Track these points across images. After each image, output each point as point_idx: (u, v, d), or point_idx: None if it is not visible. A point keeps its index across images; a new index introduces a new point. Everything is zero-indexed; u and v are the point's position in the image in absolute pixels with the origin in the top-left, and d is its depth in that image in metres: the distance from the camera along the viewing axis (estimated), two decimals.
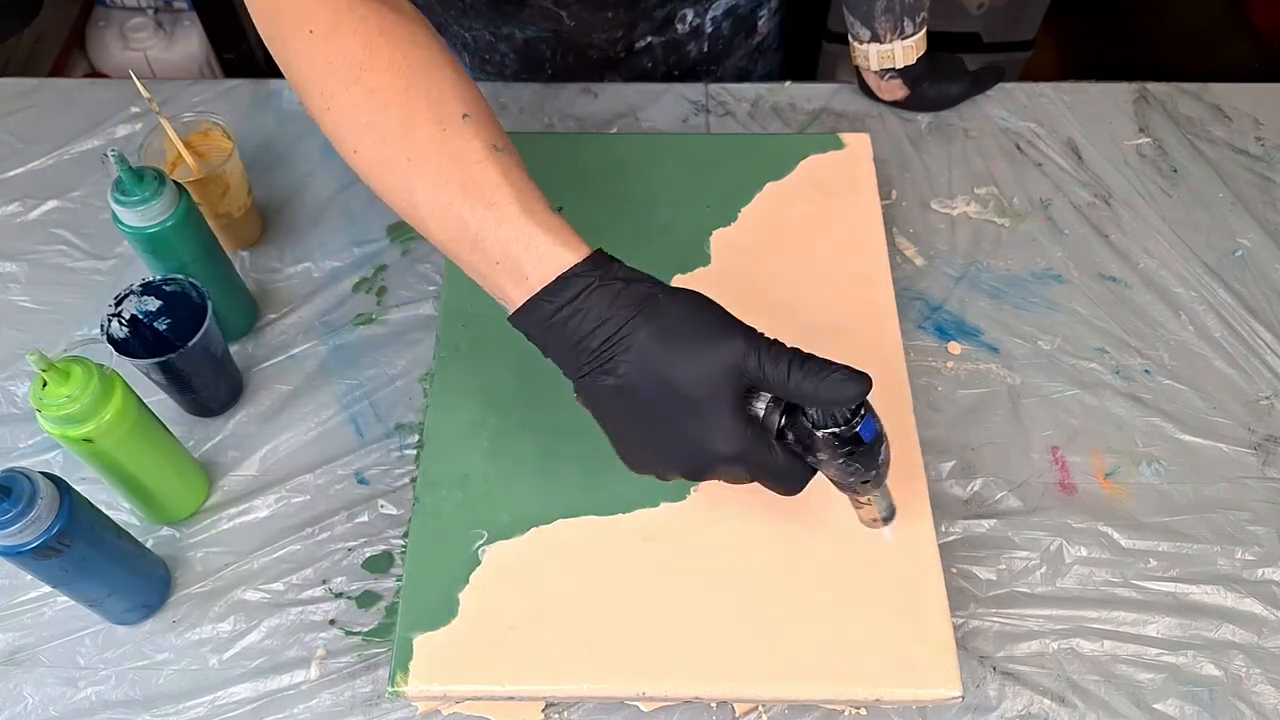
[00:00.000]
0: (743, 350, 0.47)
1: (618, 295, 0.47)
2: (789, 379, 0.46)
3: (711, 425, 0.47)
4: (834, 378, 0.46)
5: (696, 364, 0.47)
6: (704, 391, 0.47)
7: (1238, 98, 0.87)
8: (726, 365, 0.47)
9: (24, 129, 0.84)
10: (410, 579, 0.59)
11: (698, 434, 0.48)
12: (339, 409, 0.69)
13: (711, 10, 0.87)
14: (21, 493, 0.50)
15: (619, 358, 0.47)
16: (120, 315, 0.63)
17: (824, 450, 0.49)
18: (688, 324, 0.48)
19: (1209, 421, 0.70)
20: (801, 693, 0.56)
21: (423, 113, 0.50)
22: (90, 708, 0.59)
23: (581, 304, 0.47)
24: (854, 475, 0.50)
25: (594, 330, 0.47)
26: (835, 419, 0.48)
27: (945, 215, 0.80)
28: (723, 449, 0.48)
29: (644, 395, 0.47)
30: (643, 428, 0.49)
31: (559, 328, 0.48)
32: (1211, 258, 0.78)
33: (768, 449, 0.49)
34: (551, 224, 0.49)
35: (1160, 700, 0.60)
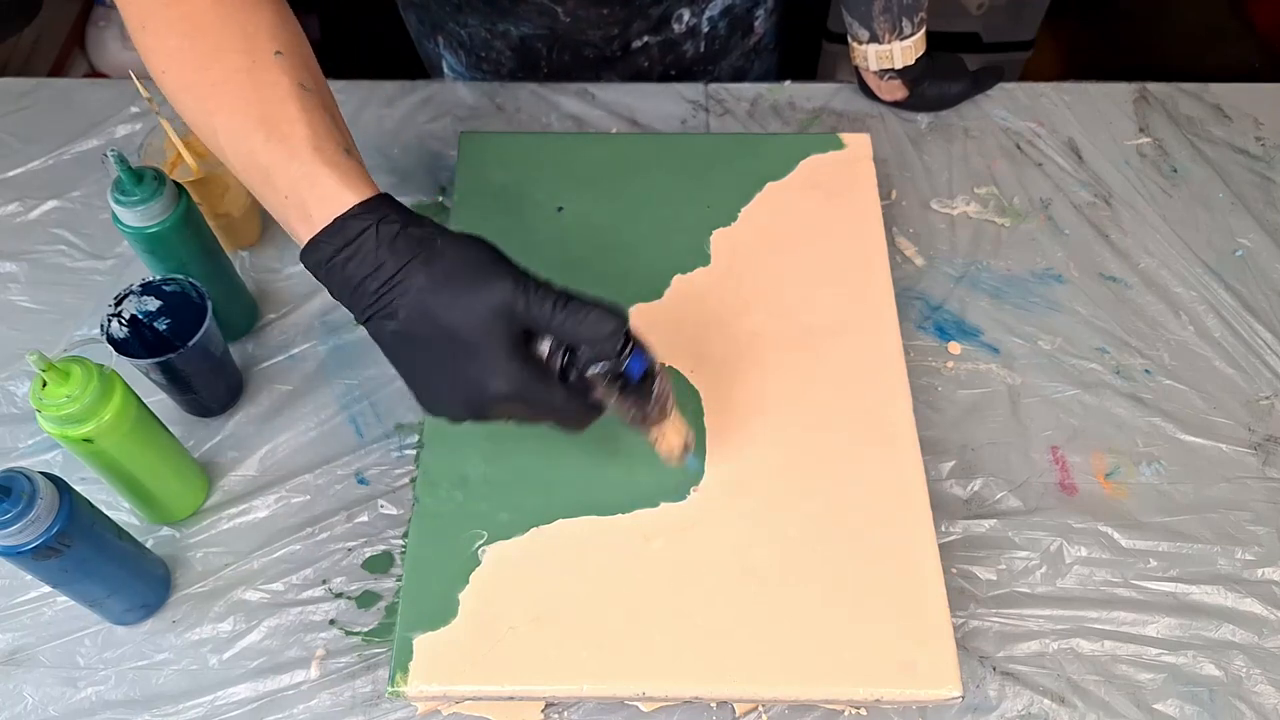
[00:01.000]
0: (511, 291, 0.48)
1: (395, 239, 0.48)
2: (552, 318, 0.48)
3: (487, 365, 0.48)
4: (592, 316, 0.48)
5: (470, 306, 0.48)
6: (478, 333, 0.48)
7: (1238, 98, 0.87)
8: (498, 307, 0.48)
9: (24, 129, 0.84)
10: (410, 579, 0.59)
11: (475, 374, 0.49)
12: (339, 409, 0.69)
13: (708, 10, 0.87)
14: (21, 493, 0.50)
15: (397, 301, 0.48)
16: (120, 315, 0.63)
17: (599, 387, 0.51)
18: (462, 268, 0.49)
19: (1209, 421, 0.70)
20: (801, 693, 0.56)
21: (234, 42, 0.51)
22: (90, 708, 0.59)
23: (360, 246, 0.48)
24: (632, 411, 0.52)
25: (372, 273, 0.48)
26: (604, 355, 0.50)
27: (945, 215, 0.80)
28: (498, 388, 0.49)
29: (422, 338, 0.49)
30: (426, 369, 0.50)
31: (338, 270, 0.49)
32: (1212, 257, 0.78)
33: (546, 389, 0.50)
34: (340, 164, 0.49)
35: (1160, 700, 0.60)
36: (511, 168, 0.75)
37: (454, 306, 0.48)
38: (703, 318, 0.68)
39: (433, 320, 0.48)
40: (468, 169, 0.75)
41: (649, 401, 0.52)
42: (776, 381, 0.65)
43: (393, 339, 0.50)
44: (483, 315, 0.48)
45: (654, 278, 0.70)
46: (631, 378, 0.50)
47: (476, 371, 0.48)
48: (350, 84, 0.86)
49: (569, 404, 0.51)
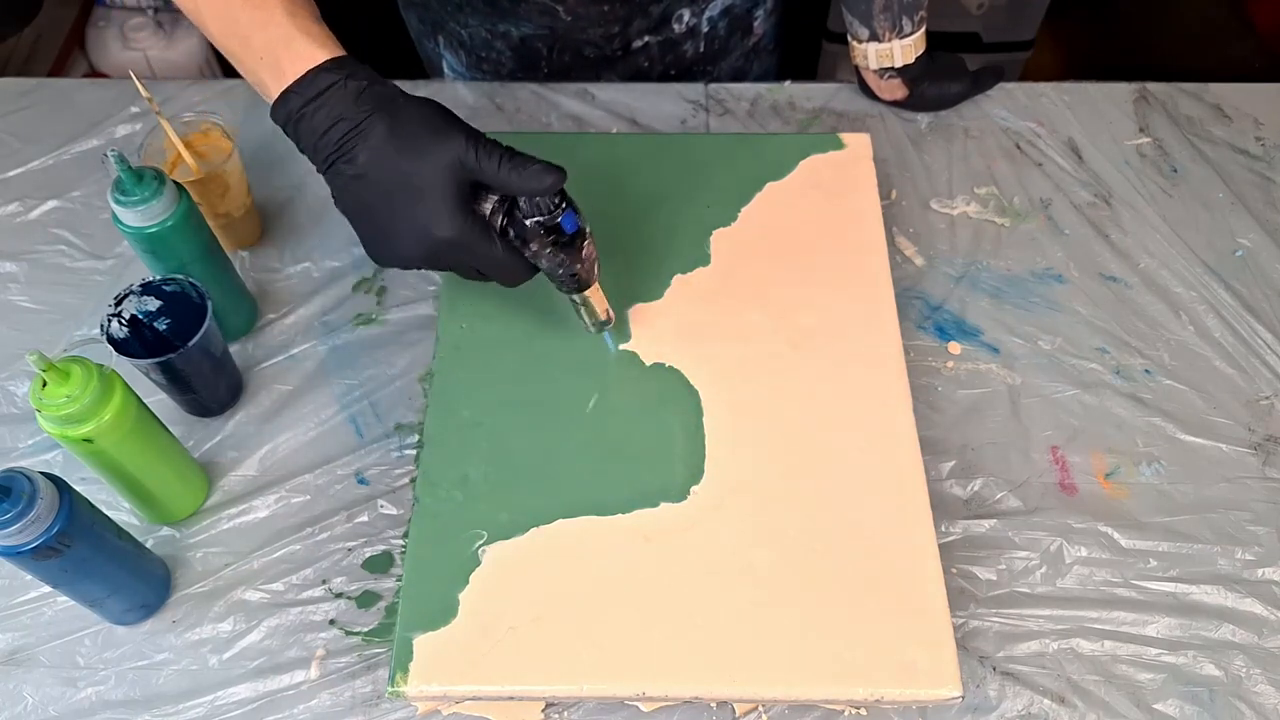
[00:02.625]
0: (463, 145, 0.53)
1: (360, 94, 0.54)
2: (499, 170, 0.53)
3: (435, 212, 0.53)
4: (534, 168, 0.53)
5: (424, 155, 0.53)
6: (429, 182, 0.53)
7: (1238, 98, 0.87)
8: (450, 158, 0.53)
9: (24, 129, 0.84)
10: (410, 579, 0.59)
11: (424, 219, 0.54)
12: (339, 409, 0.69)
13: (708, 10, 0.87)
14: (21, 493, 0.50)
15: (359, 148, 0.53)
16: (120, 315, 0.63)
17: (534, 241, 0.56)
18: (419, 122, 0.54)
19: (1209, 421, 0.70)
20: (801, 693, 0.56)
21: None
22: (90, 708, 0.59)
23: (327, 99, 0.53)
24: (563, 267, 0.58)
25: (336, 123, 0.53)
26: (540, 209, 0.55)
27: (945, 215, 0.80)
28: (444, 233, 0.54)
29: (379, 184, 0.54)
30: (379, 215, 0.55)
31: (307, 120, 0.54)
32: (1212, 257, 0.78)
33: (489, 241, 0.55)
34: (312, 30, 0.55)
35: (1160, 700, 0.60)
36: None
37: (410, 155, 0.53)
38: (703, 318, 0.68)
39: (390, 166, 0.53)
40: None
41: (579, 259, 0.57)
42: (776, 381, 0.65)
43: (350, 184, 0.54)
44: (435, 165, 0.53)
45: (654, 278, 0.70)
46: (564, 231, 0.56)
47: (425, 217, 0.53)
48: None
49: (506, 257, 0.56)
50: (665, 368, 0.66)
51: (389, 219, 0.55)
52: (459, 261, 0.56)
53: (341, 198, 0.56)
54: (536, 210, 0.55)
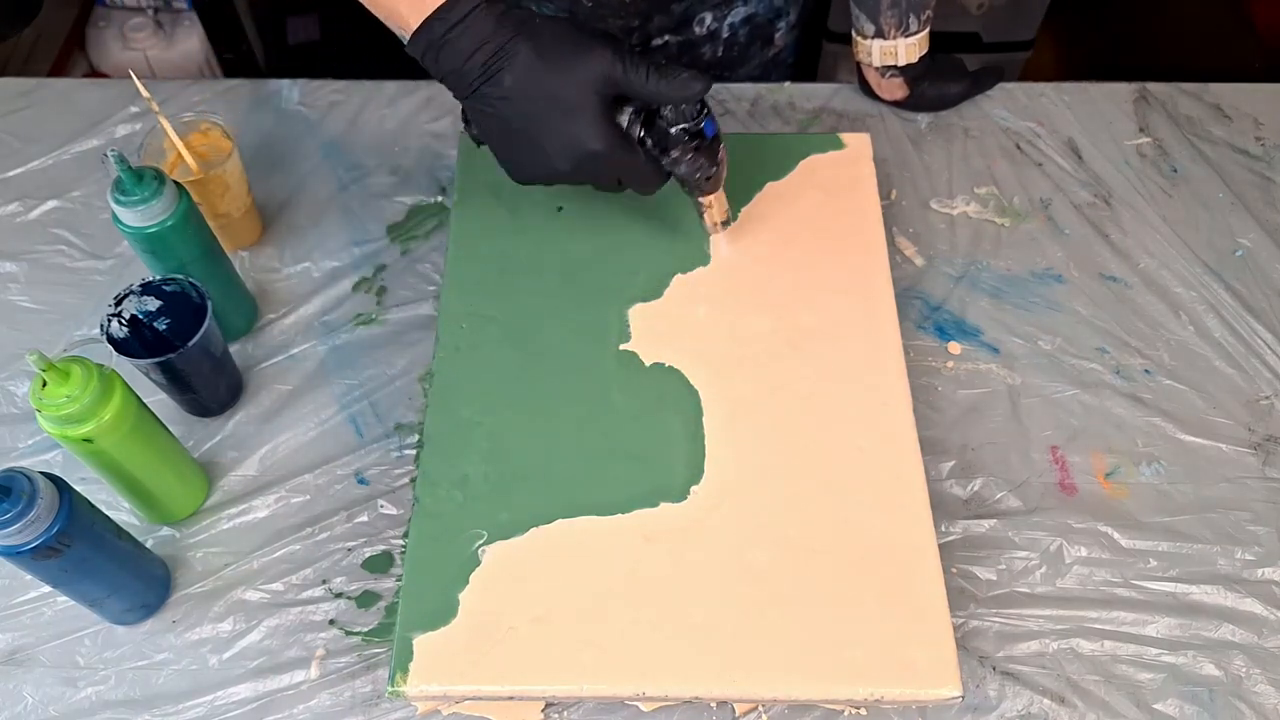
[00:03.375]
0: (610, 58, 0.55)
1: (501, 17, 0.55)
2: (647, 81, 0.55)
3: (584, 125, 0.56)
4: (682, 77, 0.56)
5: (571, 73, 0.55)
6: (577, 97, 0.55)
7: (1238, 98, 0.87)
8: (597, 73, 0.55)
9: (24, 129, 0.84)
10: (410, 579, 0.59)
11: (573, 135, 0.56)
12: (338, 409, 0.69)
13: (730, 16, 0.87)
14: (21, 493, 0.50)
15: (505, 70, 0.55)
16: (120, 315, 0.63)
17: (676, 147, 0.59)
18: (563, 40, 0.56)
19: (1209, 421, 0.70)
20: (801, 693, 0.56)
21: None
22: (90, 708, 0.59)
23: (469, 24, 0.55)
24: (700, 171, 0.61)
25: (481, 47, 0.55)
26: (685, 116, 0.58)
27: (945, 215, 0.80)
28: (593, 145, 0.57)
29: (526, 103, 0.56)
30: (525, 135, 0.57)
31: (450, 46, 0.55)
32: (1212, 257, 0.78)
33: (633, 151, 0.59)
34: None
35: (1160, 700, 0.60)
36: None
37: (558, 72, 0.55)
38: (703, 318, 0.68)
39: (538, 86, 0.55)
40: (468, 169, 0.75)
41: (715, 161, 0.61)
42: (776, 381, 0.65)
43: (497, 106, 0.56)
44: (583, 80, 0.55)
45: (654, 278, 0.70)
46: (706, 135, 0.60)
47: (575, 132, 0.56)
48: (350, 84, 0.86)
49: (647, 165, 0.60)
50: (665, 368, 0.66)
51: (536, 137, 0.57)
52: (602, 172, 0.59)
53: (484, 122, 0.58)
54: (681, 117, 0.58)
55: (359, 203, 0.79)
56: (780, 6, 0.91)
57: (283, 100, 0.86)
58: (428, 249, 0.77)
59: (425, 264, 0.76)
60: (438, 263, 0.76)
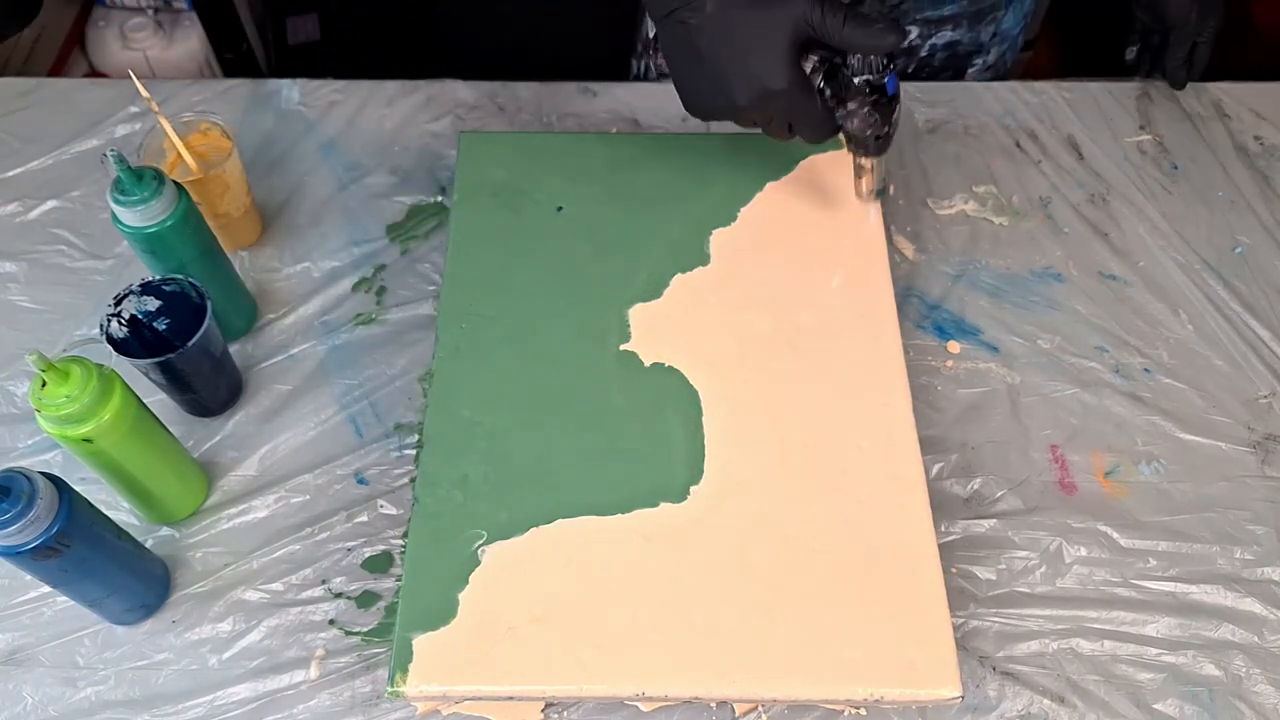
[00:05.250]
0: (810, 2, 0.56)
1: None
2: (843, 27, 0.56)
3: (771, 63, 0.57)
4: (877, 27, 0.56)
5: (771, 9, 0.56)
6: (771, 34, 0.57)
7: (1238, 96, 0.87)
8: (795, 13, 0.56)
9: (24, 129, 0.84)
10: (409, 579, 0.59)
11: (758, 70, 0.57)
12: (338, 409, 0.69)
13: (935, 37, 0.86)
14: (21, 493, 0.50)
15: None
16: (119, 315, 0.63)
17: (854, 100, 0.60)
18: None
19: (1208, 420, 0.70)
20: (801, 693, 0.56)
21: None
22: (90, 708, 0.59)
23: None
24: (873, 126, 0.61)
25: None
26: (871, 68, 0.58)
27: (944, 214, 0.80)
28: (777, 83, 0.57)
29: (720, 33, 0.57)
30: (711, 64, 0.58)
31: None
32: (1211, 255, 0.78)
33: (811, 97, 0.59)
34: None
35: (1160, 700, 0.60)
36: (511, 168, 0.75)
37: (759, 6, 0.56)
38: (703, 318, 0.68)
39: (736, 17, 0.56)
40: (468, 169, 0.75)
41: (889, 121, 0.61)
42: (776, 381, 0.65)
43: (689, 32, 0.58)
44: (781, 18, 0.56)
45: (654, 278, 0.70)
46: (887, 91, 0.59)
47: (760, 67, 0.57)
48: (350, 84, 0.86)
49: (821, 111, 0.60)
50: (665, 368, 0.66)
51: (721, 68, 0.58)
52: (777, 113, 0.60)
53: (673, 45, 0.59)
54: (867, 69, 0.58)
55: (358, 203, 0.79)
56: (985, 42, 0.90)
57: (282, 100, 0.85)
58: (427, 249, 0.77)
59: (425, 264, 0.76)
60: (438, 263, 0.76)
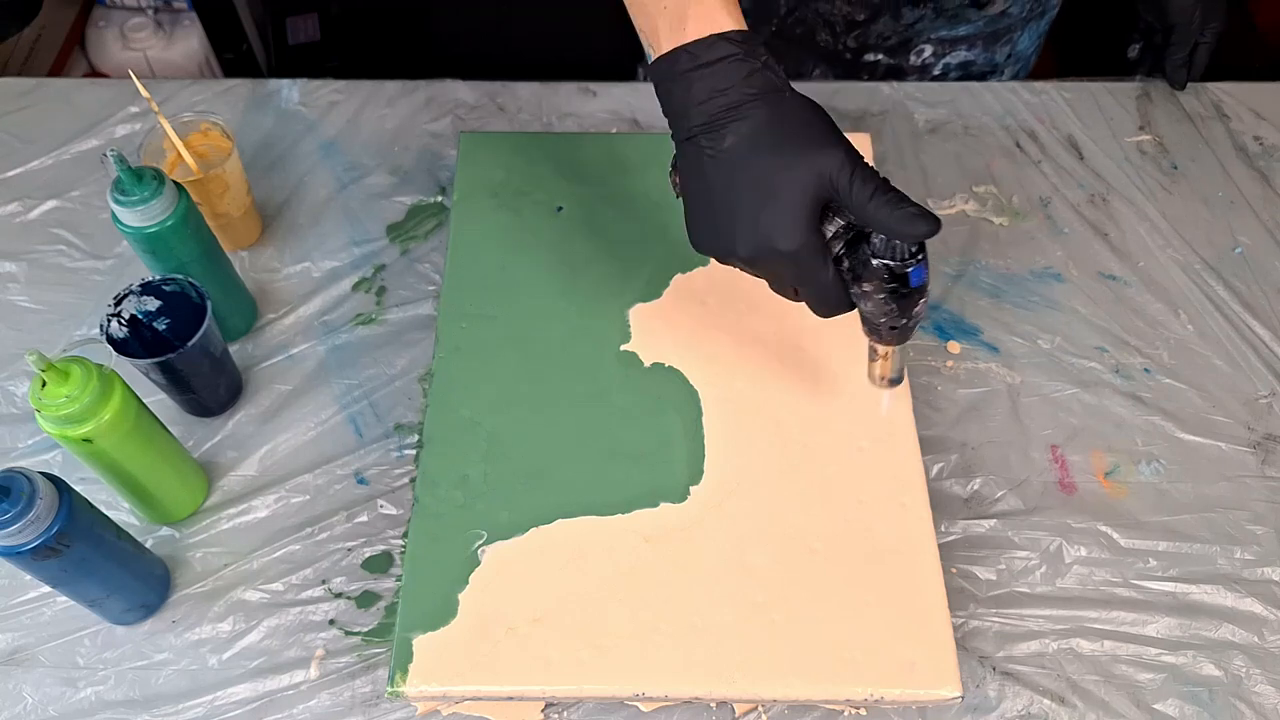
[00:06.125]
0: (840, 162, 0.49)
1: (753, 73, 0.50)
2: (869, 201, 0.48)
3: (782, 220, 0.50)
4: (909, 210, 0.48)
5: (795, 160, 0.49)
6: (789, 188, 0.49)
7: (1238, 96, 0.87)
8: (820, 171, 0.49)
9: (24, 129, 0.84)
10: (410, 579, 0.59)
11: (768, 224, 0.50)
12: (338, 409, 0.69)
13: (949, 56, 0.86)
14: (21, 493, 0.50)
15: (730, 127, 0.50)
16: (119, 315, 0.63)
17: (872, 282, 0.51)
18: (801, 124, 0.50)
19: (1208, 420, 0.70)
20: (801, 693, 0.56)
21: None
22: (90, 708, 0.59)
23: (719, 68, 0.50)
24: (888, 316, 0.53)
25: (717, 96, 0.50)
26: (895, 254, 0.50)
27: (944, 214, 0.79)
28: (784, 245, 0.50)
29: (735, 172, 0.50)
30: (722, 202, 0.51)
31: (690, 82, 0.50)
32: (1211, 255, 0.78)
33: (822, 261, 0.51)
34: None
35: (1160, 700, 0.60)
36: (511, 168, 0.75)
37: (780, 154, 0.50)
38: (703, 318, 0.68)
39: (755, 159, 0.50)
40: (468, 169, 0.75)
41: (908, 314, 0.53)
42: (775, 381, 0.65)
43: (705, 162, 0.51)
44: (803, 173, 0.49)
45: (654, 278, 0.70)
46: (909, 283, 0.51)
47: (771, 222, 0.50)
48: (350, 84, 0.86)
49: (833, 287, 0.52)
50: (665, 368, 0.66)
51: (731, 210, 0.51)
52: (782, 274, 0.53)
53: (688, 171, 0.53)
54: (890, 253, 0.50)
55: (358, 202, 0.79)
56: (1000, 63, 0.91)
57: (282, 100, 0.85)
58: (428, 249, 0.77)
59: (425, 264, 0.76)
60: (438, 263, 0.76)
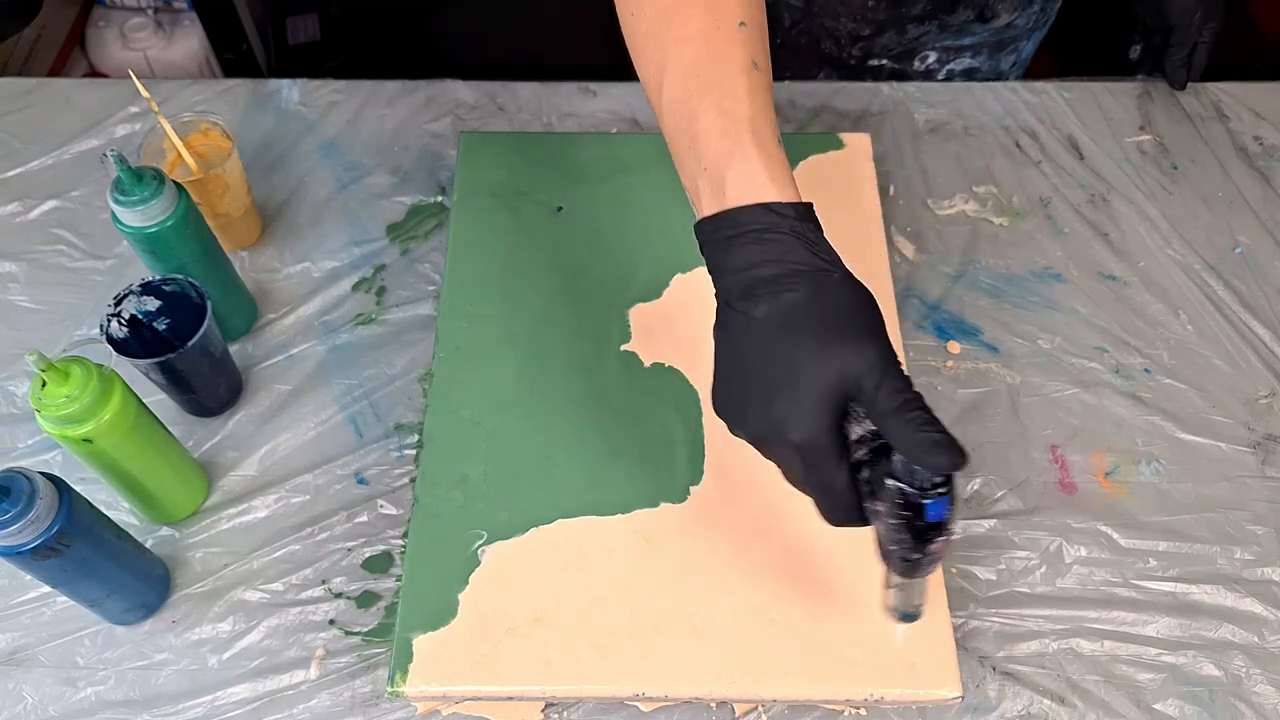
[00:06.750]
0: (870, 363, 0.44)
1: (798, 248, 0.47)
2: (892, 413, 0.43)
3: (798, 409, 0.45)
4: (934, 436, 0.43)
5: (823, 347, 0.45)
6: (811, 375, 0.45)
7: (1238, 96, 0.87)
8: (846, 368, 0.45)
9: (24, 129, 0.84)
10: (410, 579, 0.59)
11: (781, 409, 0.46)
12: (338, 409, 0.69)
13: (953, 63, 0.86)
14: (21, 493, 0.50)
15: (765, 301, 0.46)
16: (119, 315, 0.63)
17: (884, 502, 0.45)
18: (844, 308, 0.46)
19: (1208, 420, 0.70)
20: (801, 693, 0.56)
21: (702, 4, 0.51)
22: (90, 708, 0.59)
23: (765, 236, 0.47)
24: (899, 546, 0.46)
25: (760, 265, 0.47)
26: (915, 480, 0.44)
27: (944, 214, 0.80)
28: (792, 435, 0.45)
29: (764, 344, 0.46)
30: (743, 373, 0.48)
31: (730, 250, 0.47)
32: (1211, 255, 0.78)
33: (835, 463, 0.46)
34: (771, 153, 0.48)
35: (1160, 700, 0.60)
36: (511, 168, 0.75)
37: (810, 335, 0.45)
38: (703, 318, 0.68)
39: (785, 334, 0.46)
40: (468, 169, 0.75)
41: (922, 551, 0.46)
42: None
43: (737, 329, 0.48)
44: (828, 364, 0.45)
45: (654, 278, 0.70)
46: (923, 515, 0.45)
47: (784, 407, 0.45)
48: (350, 84, 0.86)
49: (844, 493, 0.46)
50: (665, 368, 0.66)
51: (745, 383, 0.47)
52: (791, 466, 0.47)
53: (721, 335, 0.50)
54: (910, 478, 0.44)
55: (358, 203, 0.79)
56: (1004, 70, 0.91)
57: (282, 100, 0.85)
58: (428, 249, 0.77)
59: (425, 264, 0.76)
60: (438, 263, 0.76)
